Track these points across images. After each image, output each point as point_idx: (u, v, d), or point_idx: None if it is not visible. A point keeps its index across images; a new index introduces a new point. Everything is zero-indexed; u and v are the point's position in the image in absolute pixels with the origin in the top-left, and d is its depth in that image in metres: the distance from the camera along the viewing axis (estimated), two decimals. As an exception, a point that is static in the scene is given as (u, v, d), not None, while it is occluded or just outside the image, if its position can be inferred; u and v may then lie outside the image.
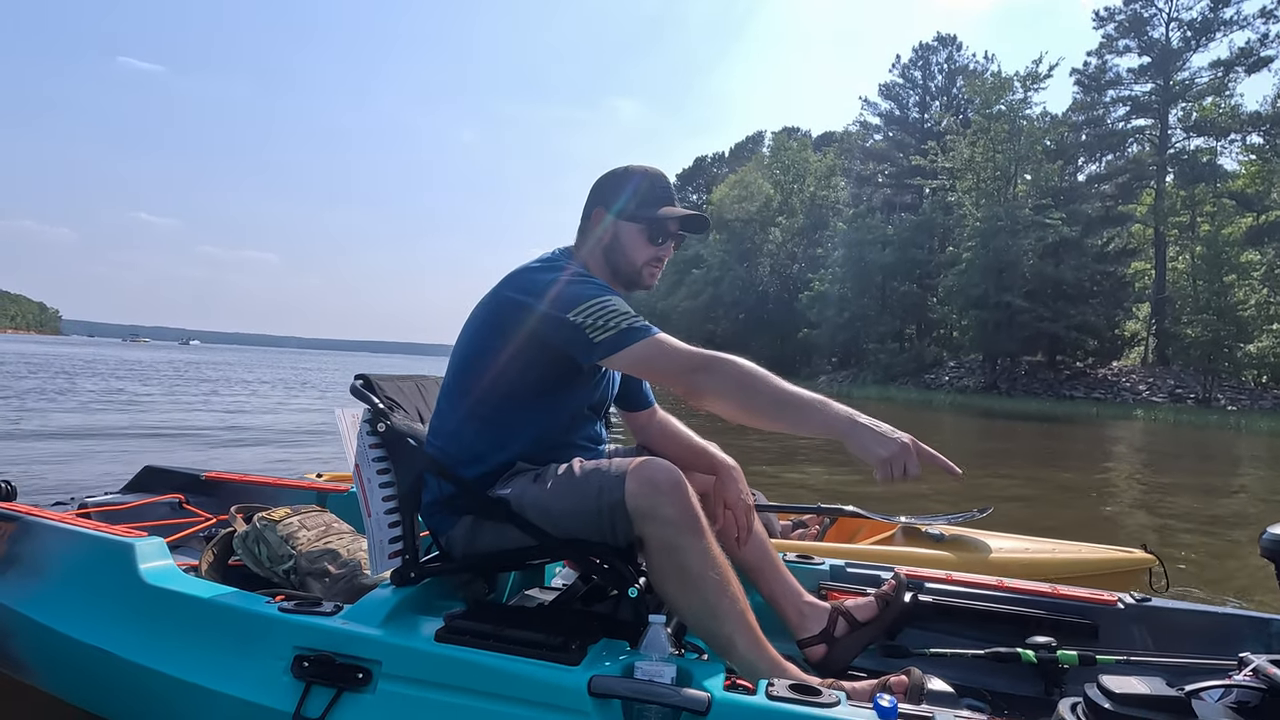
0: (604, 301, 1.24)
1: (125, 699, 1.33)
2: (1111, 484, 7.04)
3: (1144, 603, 1.56)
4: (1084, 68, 35.02)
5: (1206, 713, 1.11)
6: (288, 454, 6.14)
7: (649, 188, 1.40)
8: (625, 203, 1.40)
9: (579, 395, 1.38)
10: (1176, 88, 31.87)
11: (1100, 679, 1.14)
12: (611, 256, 1.41)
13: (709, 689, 1.06)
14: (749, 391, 1.19)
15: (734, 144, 67.38)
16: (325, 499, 2.14)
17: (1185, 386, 26.79)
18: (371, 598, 1.27)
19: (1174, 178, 31.50)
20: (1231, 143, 30.27)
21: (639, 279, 1.42)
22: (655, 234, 1.38)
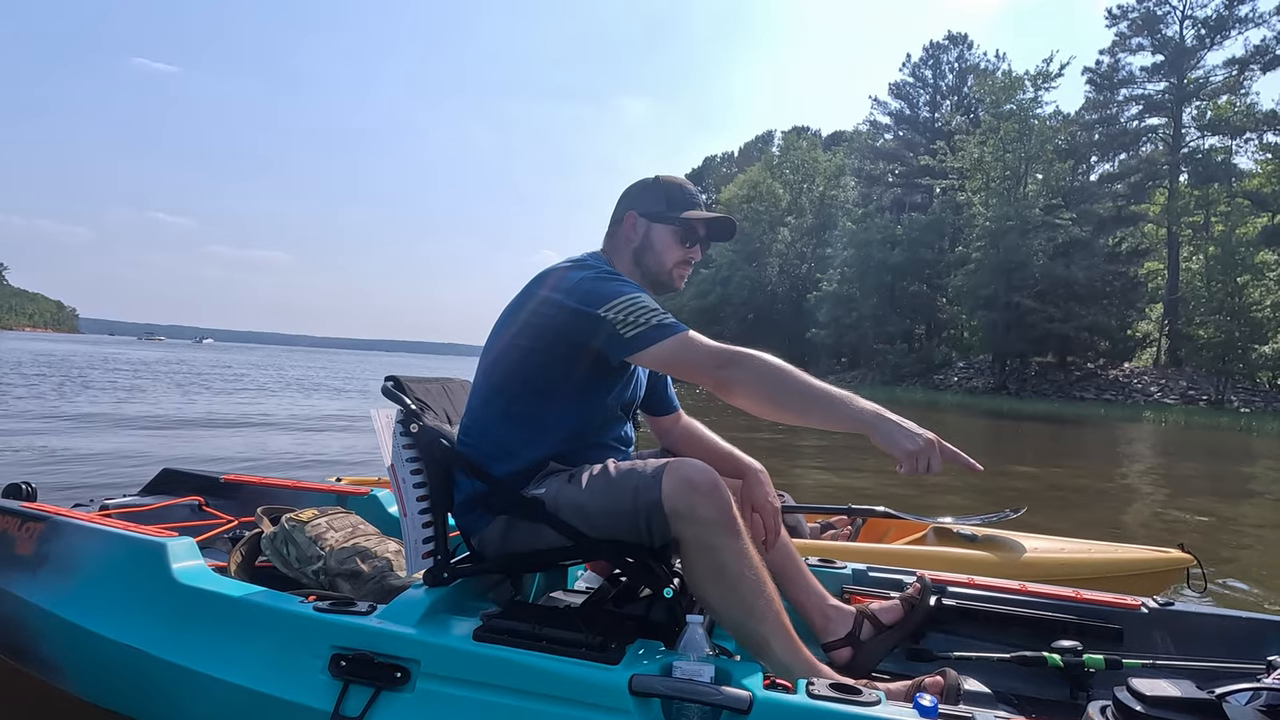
0: (634, 298, 1.26)
1: (159, 698, 1.33)
2: (1129, 485, 7.01)
3: (1167, 607, 1.56)
4: (1096, 66, 34.82)
5: (1237, 715, 1.12)
6: (302, 449, 6.23)
7: (679, 193, 1.46)
8: (657, 206, 1.45)
9: (610, 394, 1.38)
10: (1190, 86, 31.62)
11: (1130, 681, 1.15)
12: (642, 258, 1.45)
13: (749, 688, 1.06)
14: (778, 386, 1.20)
15: (743, 143, 67.27)
16: (346, 501, 2.15)
17: (1198, 388, 26.58)
18: (406, 598, 1.28)
19: (1187, 177, 31.26)
20: (1247, 141, 30.05)
21: (669, 280, 1.46)
22: (685, 236, 1.44)
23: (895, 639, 1.42)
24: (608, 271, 1.34)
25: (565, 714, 1.09)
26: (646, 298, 1.27)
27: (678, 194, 1.46)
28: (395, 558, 1.68)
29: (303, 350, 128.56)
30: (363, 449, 6.78)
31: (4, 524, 1.60)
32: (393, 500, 2.07)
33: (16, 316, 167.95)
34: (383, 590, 1.57)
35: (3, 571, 1.53)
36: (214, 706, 1.26)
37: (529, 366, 1.32)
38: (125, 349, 44.19)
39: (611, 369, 1.34)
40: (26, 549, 1.53)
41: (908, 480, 5.91)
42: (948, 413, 20.53)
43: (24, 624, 1.47)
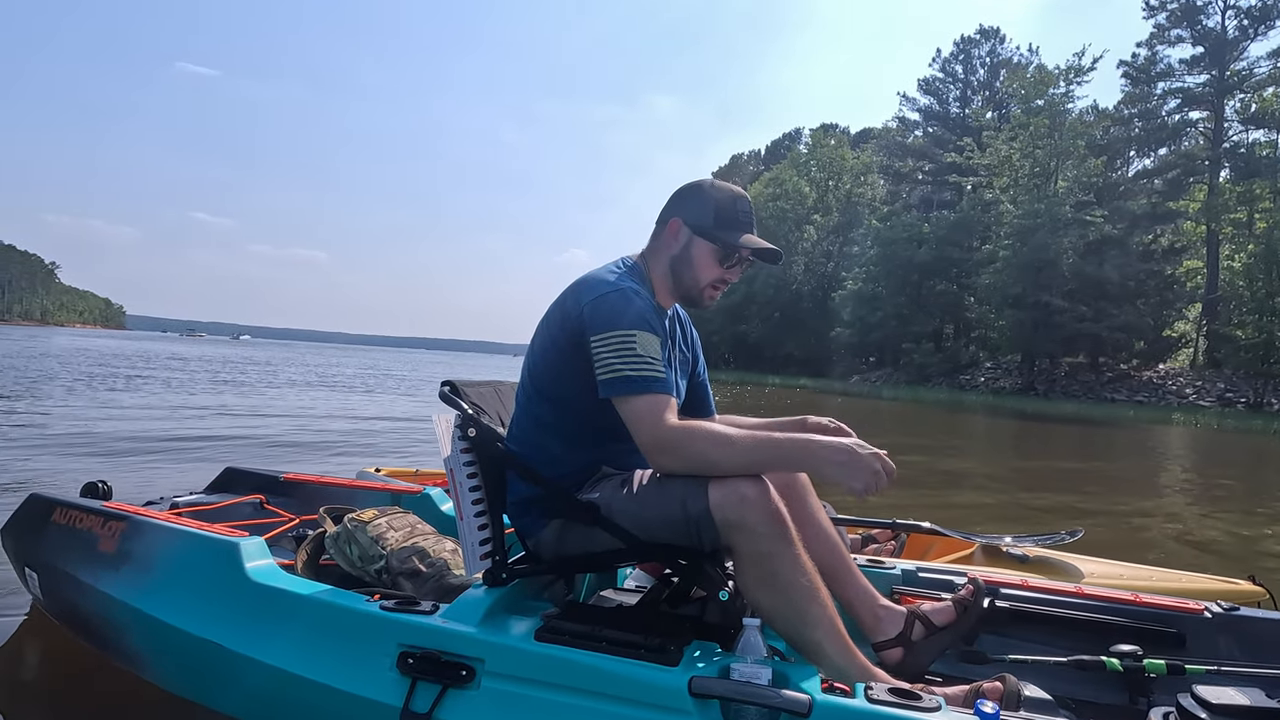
0: (626, 337, 1.23)
1: (233, 690, 1.38)
2: (1166, 495, 6.79)
3: (1232, 612, 1.52)
4: (1133, 60, 33.81)
5: None
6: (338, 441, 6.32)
7: (730, 209, 1.38)
8: (703, 219, 1.38)
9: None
10: (1233, 78, 30.54)
11: (1195, 689, 1.12)
12: (678, 269, 1.40)
13: (808, 691, 1.06)
14: (714, 468, 1.20)
15: (770, 141, 66.81)
16: (400, 500, 2.19)
17: (1236, 390, 25.72)
18: (468, 598, 1.31)
19: (1229, 172, 30.22)
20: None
21: (699, 298, 1.41)
22: (726, 257, 1.38)
23: (948, 641, 1.39)
24: (628, 289, 1.29)
25: (626, 714, 1.11)
26: (641, 339, 1.23)
27: (728, 210, 1.38)
28: (452, 557, 1.72)
29: (337, 347, 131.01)
30: (398, 439, 6.96)
31: (88, 523, 1.67)
32: (445, 498, 2.15)
33: (68, 314, 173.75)
34: (441, 589, 1.61)
35: (89, 568, 1.60)
36: (287, 699, 1.31)
37: (558, 376, 1.33)
38: (169, 345, 45.57)
39: None
40: (109, 547, 1.60)
41: (947, 497, 5.83)
42: (972, 414, 20.17)
43: (109, 618, 1.55)
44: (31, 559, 1.77)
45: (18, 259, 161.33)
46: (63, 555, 1.67)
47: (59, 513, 1.75)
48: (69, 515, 1.73)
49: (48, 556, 1.71)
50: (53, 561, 1.69)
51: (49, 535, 1.73)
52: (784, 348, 43.13)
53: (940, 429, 13.91)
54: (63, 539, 1.70)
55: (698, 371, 1.62)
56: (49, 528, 1.74)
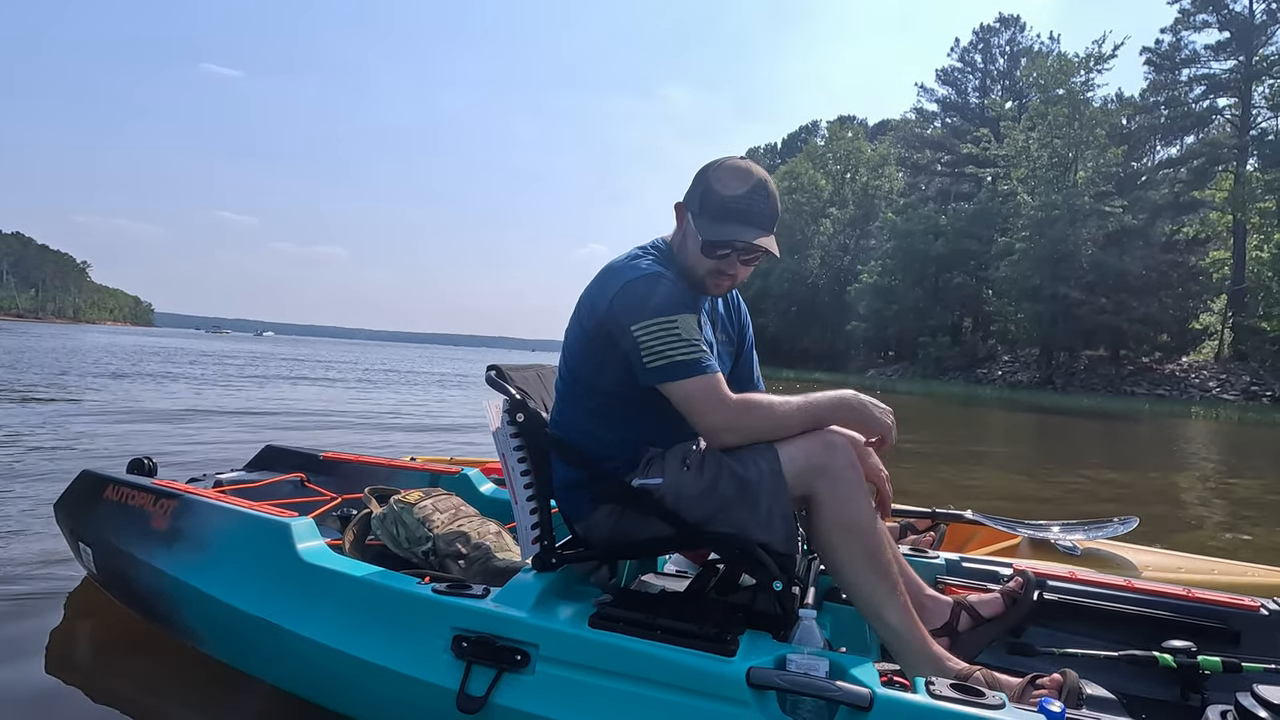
0: (667, 323, 1.23)
1: (286, 665, 1.41)
2: (1193, 486, 6.74)
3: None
4: (1156, 46, 33.10)
5: None
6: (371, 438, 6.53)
7: (719, 194, 1.30)
8: (693, 205, 1.34)
9: None
10: (1261, 64, 29.78)
11: (1255, 688, 1.10)
12: (682, 255, 1.38)
13: (868, 684, 1.05)
14: (771, 434, 1.26)
15: (787, 134, 66.30)
16: (438, 480, 2.20)
17: (1262, 383, 25.18)
18: (519, 582, 1.31)
19: (1256, 161, 29.48)
20: (1324, 122, 28.14)
21: (702, 286, 1.38)
22: (708, 249, 1.33)
23: (995, 632, 1.39)
24: (654, 275, 1.28)
25: (682, 703, 1.10)
26: (682, 320, 1.23)
27: (716, 196, 1.30)
28: (495, 540, 1.74)
29: (359, 343, 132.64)
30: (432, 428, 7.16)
31: (140, 500, 1.71)
32: (484, 479, 2.20)
33: (99, 311, 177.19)
34: (487, 572, 1.62)
35: (142, 544, 1.64)
36: (339, 676, 1.32)
37: (594, 365, 1.34)
38: (196, 341, 46.46)
39: None
40: (161, 524, 1.63)
41: (995, 487, 5.79)
42: (988, 408, 19.98)
43: (163, 593, 1.59)
44: (85, 534, 1.81)
45: (51, 259, 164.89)
46: (116, 531, 1.71)
47: (111, 489, 1.79)
48: (121, 492, 1.77)
49: (101, 532, 1.75)
50: (106, 537, 1.73)
51: (102, 511, 1.78)
52: (801, 342, 42.92)
53: (956, 424, 13.79)
54: (116, 515, 1.74)
55: (745, 349, 1.60)
56: (101, 504, 1.79)
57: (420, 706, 1.24)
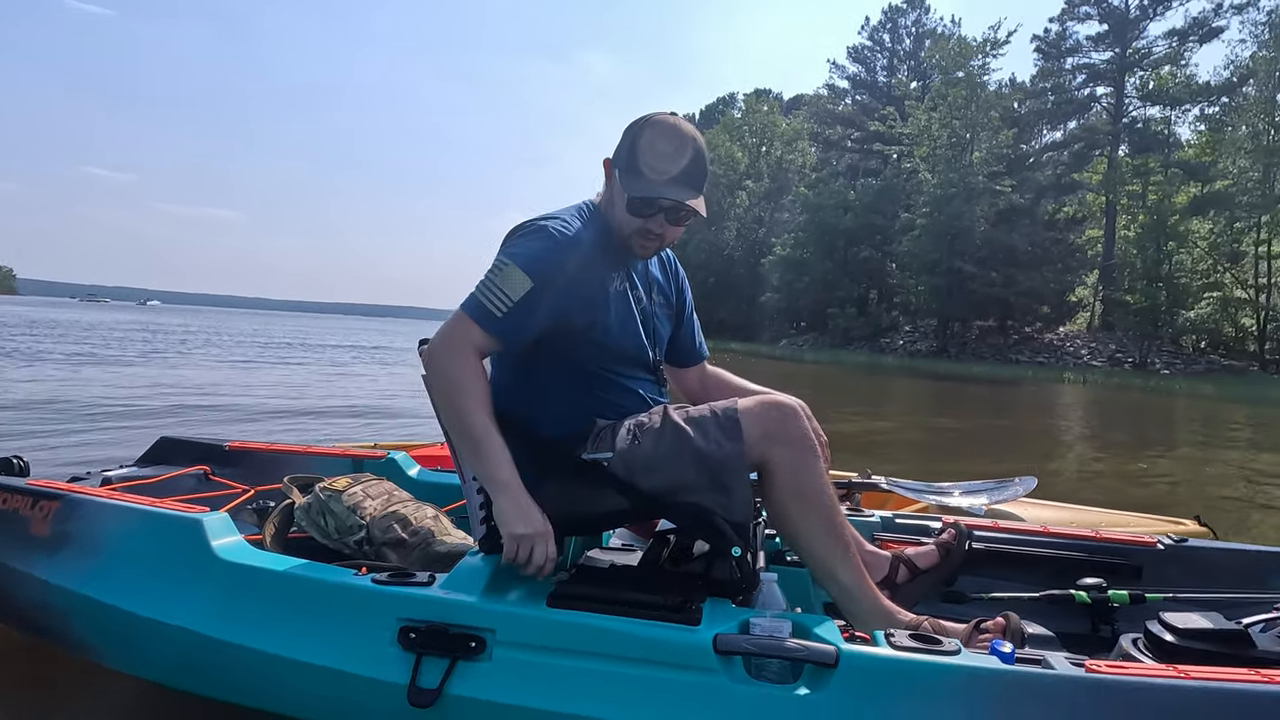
0: (500, 264, 1.25)
1: (213, 675, 1.30)
2: (1072, 442, 7.44)
3: (1181, 543, 1.65)
4: (1045, 34, 35.23)
5: (1264, 643, 1.20)
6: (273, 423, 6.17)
7: (645, 150, 1.28)
8: (620, 161, 1.31)
9: (600, 352, 1.34)
10: (1133, 56, 32.26)
11: (1161, 615, 1.22)
12: (608, 215, 1.35)
13: (831, 641, 1.07)
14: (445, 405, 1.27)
15: (705, 105, 66.54)
16: (363, 465, 2.09)
17: (1125, 351, 27.88)
18: (467, 566, 1.27)
19: (1127, 147, 32.10)
20: (1185, 112, 30.91)
21: (630, 247, 1.35)
22: (634, 207, 1.30)
23: (931, 582, 1.47)
24: (553, 226, 1.28)
25: (649, 676, 1.10)
26: (511, 273, 1.23)
27: (644, 152, 1.28)
28: (434, 523, 1.69)
29: (258, 313, 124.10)
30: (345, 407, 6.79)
31: (14, 504, 1.54)
32: (412, 464, 2.13)
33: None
34: (429, 558, 1.57)
35: (20, 554, 1.47)
36: (275, 682, 1.24)
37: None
38: (67, 311, 41.77)
39: (577, 329, 1.31)
40: (42, 529, 1.47)
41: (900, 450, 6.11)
42: (891, 375, 21.13)
43: (50, 606, 1.43)
44: None
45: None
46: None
47: None
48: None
49: None
50: None
51: None
52: (717, 313, 43.71)
53: (862, 392, 14.51)
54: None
55: (685, 314, 1.59)
56: None
57: (368, 705, 1.19)
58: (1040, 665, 1.03)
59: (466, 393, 1.23)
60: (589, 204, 1.41)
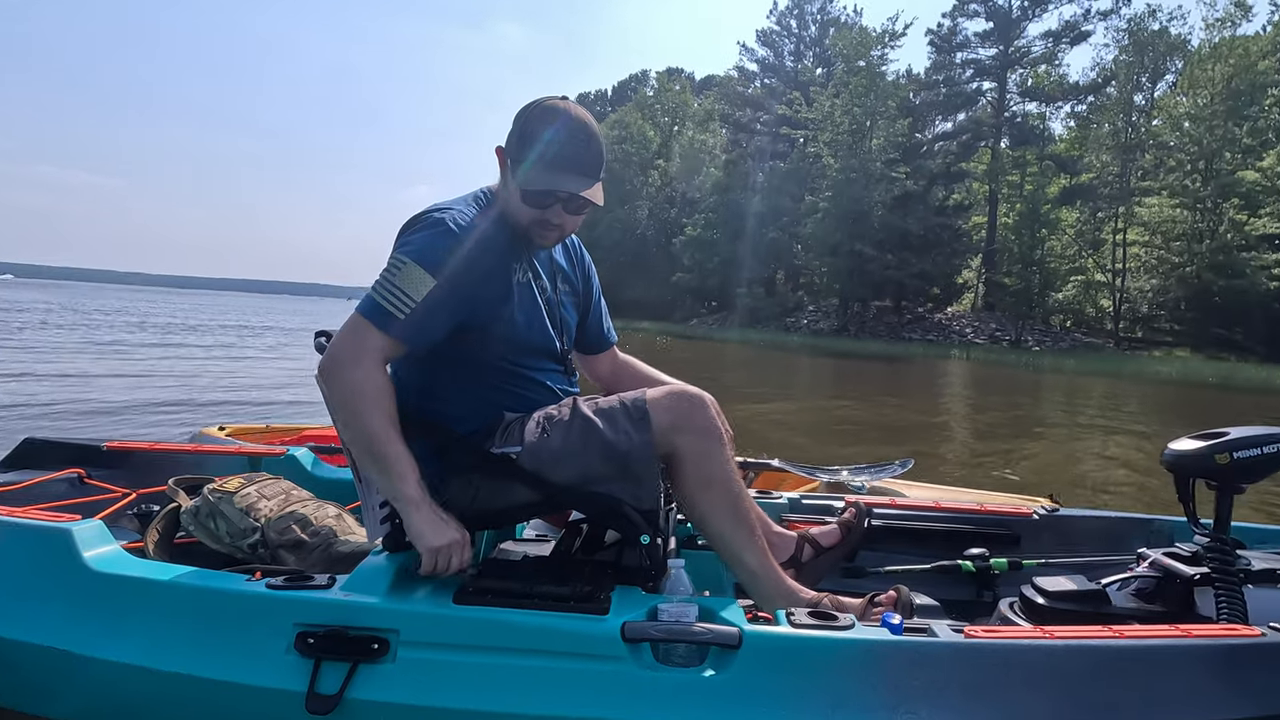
0: (397, 262, 1.20)
1: (90, 698, 1.21)
2: (954, 423, 8.00)
3: (1053, 513, 1.82)
4: (938, 29, 37.10)
5: (1119, 600, 1.37)
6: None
7: (542, 141, 1.24)
8: (516, 152, 1.27)
9: (504, 347, 1.33)
10: (1015, 54, 34.54)
11: (1034, 579, 1.37)
12: (505, 204, 1.32)
13: (735, 623, 1.11)
14: (347, 421, 1.22)
15: (618, 81, 65.99)
16: (260, 464, 1.99)
17: (1003, 330, 30.25)
18: (370, 566, 1.23)
19: (1008, 140, 34.51)
20: (1058, 109, 33.55)
21: (530, 238, 1.32)
22: (528, 198, 1.27)
23: (833, 559, 1.53)
24: (449, 217, 1.24)
25: (558, 667, 1.10)
26: (409, 271, 1.19)
27: (535, 141, 1.24)
28: (336, 523, 1.62)
29: (141, 290, 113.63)
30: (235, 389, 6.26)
31: None
32: (314, 460, 2.04)
33: None
34: (330, 559, 1.52)
35: None
36: (164, 701, 1.17)
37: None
38: None
39: (483, 324, 1.29)
40: None
41: (798, 428, 6.32)
42: (795, 353, 21.95)
43: None
44: None
45: None
46: None
47: None
48: None
49: None
50: None
51: None
52: (630, 291, 43.89)
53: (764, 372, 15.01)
54: None
55: (593, 301, 1.58)
56: None
57: (264, 717, 1.15)
58: (925, 634, 1.11)
59: (370, 407, 1.19)
60: (486, 191, 1.37)
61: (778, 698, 1.07)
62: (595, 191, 1.28)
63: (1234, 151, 24.85)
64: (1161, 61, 29.56)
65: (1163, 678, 1.07)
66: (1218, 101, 24.98)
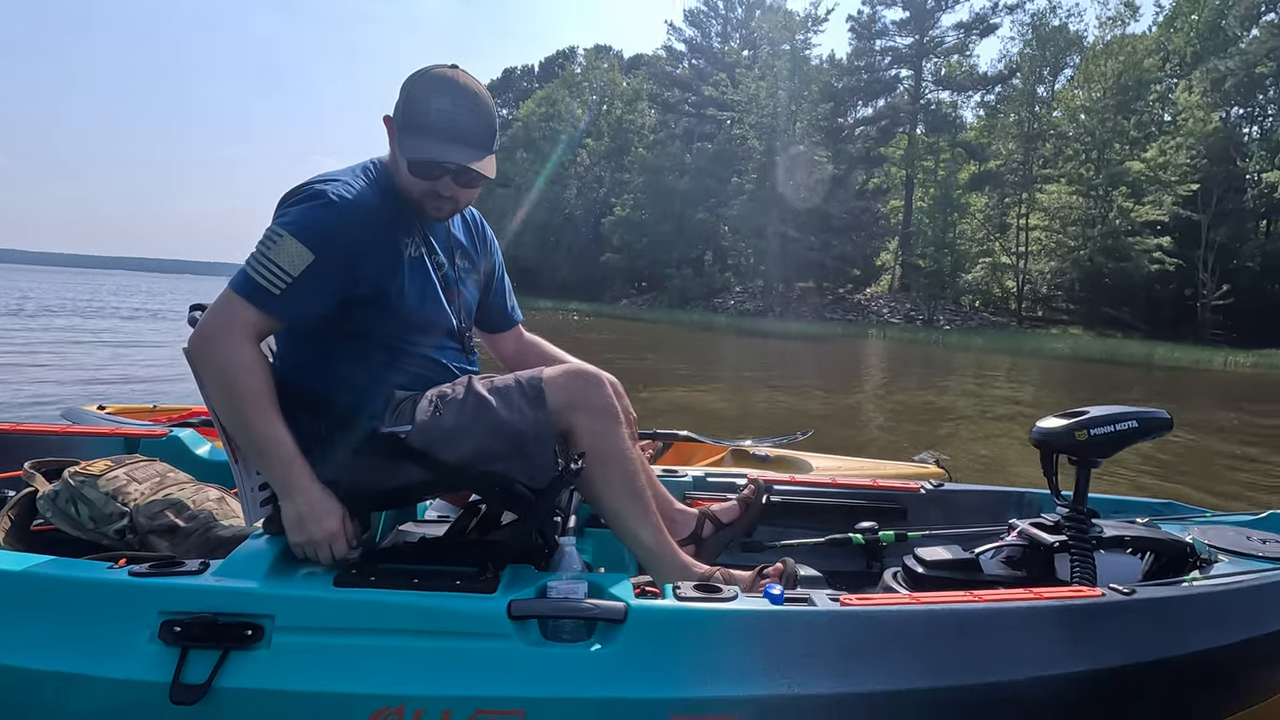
0: (273, 234, 1.16)
1: None
2: (868, 394, 8.25)
3: (939, 488, 1.93)
4: (859, 16, 38.04)
5: (989, 567, 1.48)
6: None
7: (428, 110, 1.20)
8: (402, 121, 1.23)
9: (398, 323, 1.29)
10: (930, 44, 35.85)
11: (914, 550, 1.46)
12: (395, 176, 1.27)
13: (622, 598, 1.13)
14: (221, 402, 1.18)
15: (544, 57, 64.58)
16: (138, 446, 1.88)
17: (917, 310, 31.67)
18: (246, 550, 1.20)
19: (923, 126, 35.92)
20: (969, 98, 35.13)
21: (422, 211, 1.28)
22: (416, 170, 1.23)
23: (732, 535, 1.58)
24: (331, 189, 1.19)
25: (444, 647, 1.09)
26: (286, 245, 1.15)
27: (421, 110, 1.20)
28: (218, 506, 1.54)
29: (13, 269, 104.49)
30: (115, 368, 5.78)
31: None
32: (200, 441, 1.95)
33: None
34: (209, 544, 1.45)
35: None
36: (20, 698, 1.10)
37: None
38: None
39: (370, 301, 1.25)
40: None
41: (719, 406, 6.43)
42: (722, 334, 22.32)
43: None
44: None
45: None
46: None
47: None
48: None
49: None
50: None
51: None
52: (559, 272, 43.49)
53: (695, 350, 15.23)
54: None
55: (496, 278, 1.55)
56: None
57: (128, 712, 1.10)
58: (804, 604, 1.16)
59: (245, 388, 1.15)
60: (376, 162, 1.32)
61: (663, 668, 1.09)
62: (486, 164, 1.24)
63: (1122, 143, 26.68)
64: (1061, 56, 31.32)
65: (1015, 636, 1.16)
66: (1109, 95, 26.73)
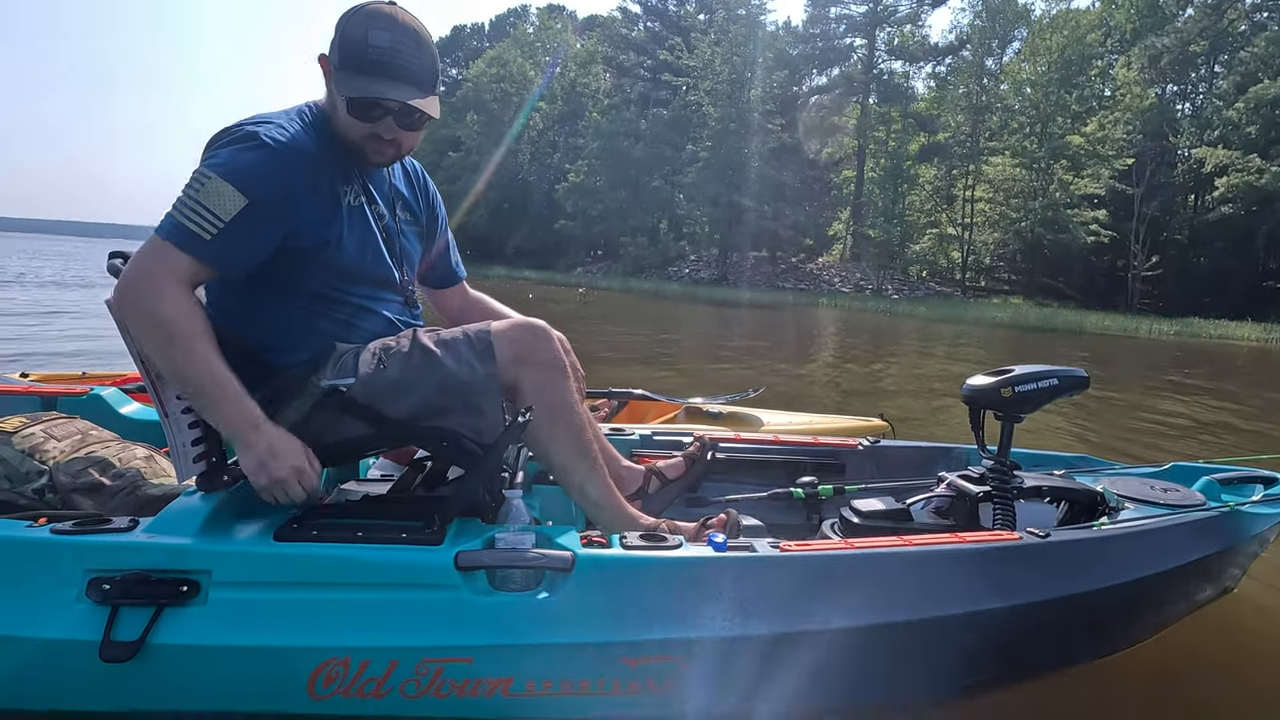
0: (200, 176, 1.11)
1: None
2: (817, 358, 8.45)
3: (875, 444, 2.02)
4: (814, -17, 37.81)
5: (920, 517, 1.58)
6: None
7: (365, 46, 1.15)
8: (338, 59, 1.18)
9: (337, 269, 1.25)
10: (884, 13, 35.97)
11: (850, 502, 1.56)
12: (334, 119, 1.23)
13: (569, 547, 1.15)
14: (155, 353, 1.13)
15: (495, 15, 62.45)
16: (55, 404, 1.83)
17: (867, 280, 32.33)
18: (179, 507, 1.18)
19: (875, 96, 36.21)
20: (920, 69, 35.50)
21: (363, 155, 1.24)
22: (354, 109, 1.18)
23: (678, 490, 1.64)
24: (264, 130, 1.14)
25: (389, 599, 1.09)
26: (214, 186, 1.10)
27: (357, 46, 1.15)
28: (145, 464, 1.50)
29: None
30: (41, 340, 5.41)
31: None
32: (124, 400, 1.92)
33: None
34: (138, 502, 1.42)
35: None
36: None
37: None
38: None
39: (308, 250, 1.21)
40: None
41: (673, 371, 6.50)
42: (677, 302, 22.39)
43: None
44: None
45: None
46: None
47: None
48: None
49: None
50: None
51: None
52: (513, 239, 42.75)
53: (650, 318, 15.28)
54: None
55: (439, 231, 1.52)
56: None
57: (58, 672, 1.08)
58: (746, 550, 1.22)
59: (181, 330, 1.10)
60: (313, 105, 1.28)
61: (609, 614, 1.14)
62: (430, 104, 1.20)
63: (1064, 116, 27.45)
64: (1010, 28, 31.84)
65: (940, 576, 1.25)
66: (1053, 69, 27.38)
